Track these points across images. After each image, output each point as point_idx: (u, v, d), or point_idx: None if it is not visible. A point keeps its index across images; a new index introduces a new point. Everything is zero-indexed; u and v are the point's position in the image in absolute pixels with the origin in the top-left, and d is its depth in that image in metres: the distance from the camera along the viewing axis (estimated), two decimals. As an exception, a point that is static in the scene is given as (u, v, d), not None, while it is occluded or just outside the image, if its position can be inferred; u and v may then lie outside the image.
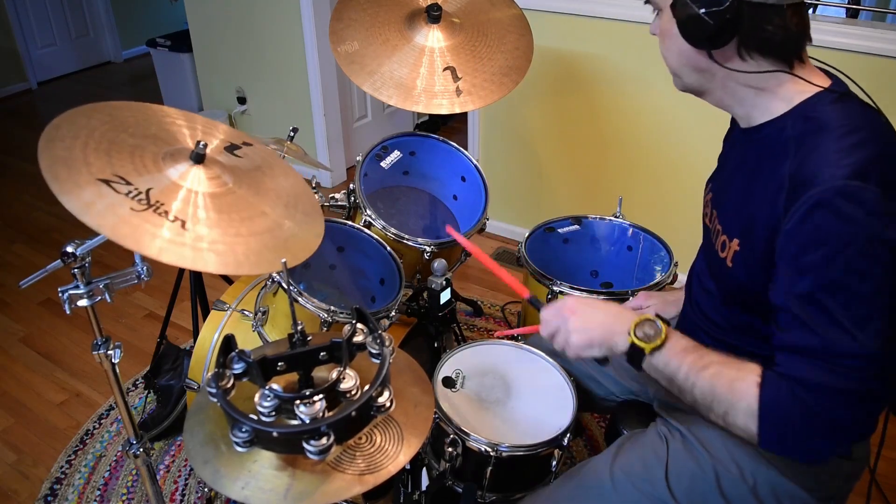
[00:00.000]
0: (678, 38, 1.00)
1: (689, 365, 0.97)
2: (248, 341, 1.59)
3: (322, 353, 0.97)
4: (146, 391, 2.17)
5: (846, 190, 0.86)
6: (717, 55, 0.98)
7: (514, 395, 1.37)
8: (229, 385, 0.93)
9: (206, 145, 1.08)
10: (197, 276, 1.94)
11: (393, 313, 1.57)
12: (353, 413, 0.89)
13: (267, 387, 0.93)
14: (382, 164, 1.95)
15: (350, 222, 1.74)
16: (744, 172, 1.06)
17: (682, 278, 1.56)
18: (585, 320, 1.06)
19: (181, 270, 2.02)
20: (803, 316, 0.90)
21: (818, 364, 0.90)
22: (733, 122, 1.19)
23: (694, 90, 1.09)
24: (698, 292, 1.21)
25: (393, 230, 1.73)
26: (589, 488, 1.19)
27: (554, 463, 1.29)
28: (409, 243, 1.74)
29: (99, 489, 1.95)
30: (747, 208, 1.01)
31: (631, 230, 1.87)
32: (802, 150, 0.93)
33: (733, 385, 0.94)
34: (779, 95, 1.00)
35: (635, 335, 1.00)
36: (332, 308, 1.49)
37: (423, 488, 1.38)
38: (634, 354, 1.01)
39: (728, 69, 0.99)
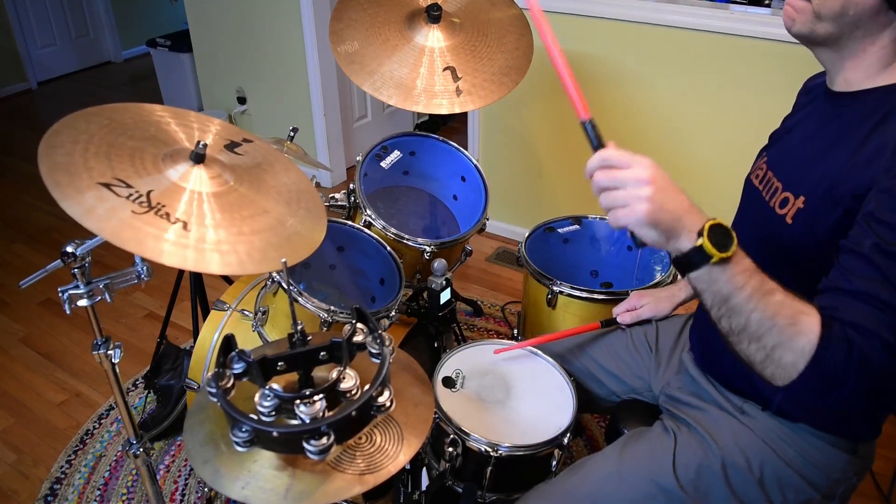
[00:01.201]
0: None
1: (754, 287, 0.86)
2: (248, 341, 1.59)
3: (322, 353, 0.97)
4: (146, 391, 2.17)
5: None
6: None
7: (514, 395, 1.37)
8: (229, 385, 0.93)
9: (205, 145, 1.08)
10: (197, 276, 1.94)
11: (393, 313, 1.57)
12: (354, 413, 0.89)
13: (267, 386, 0.93)
14: (382, 164, 1.95)
15: (350, 222, 1.74)
16: (825, 132, 1.04)
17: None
18: (664, 197, 0.85)
19: (181, 270, 2.02)
20: (886, 269, 0.86)
21: (884, 318, 0.85)
22: (805, 97, 1.17)
23: (815, 39, 1.01)
24: None
25: (393, 230, 1.73)
26: (596, 479, 1.19)
27: (554, 463, 1.29)
28: (409, 243, 1.74)
29: (99, 489, 1.95)
30: (823, 168, 1.00)
31: (631, 230, 1.87)
32: None
33: (798, 318, 0.86)
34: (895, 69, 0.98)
35: (707, 238, 0.84)
36: (332, 308, 1.49)
37: (423, 488, 1.38)
38: (693, 259, 0.86)
39: None
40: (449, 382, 1.37)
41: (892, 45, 0.97)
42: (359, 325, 0.99)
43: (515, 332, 1.96)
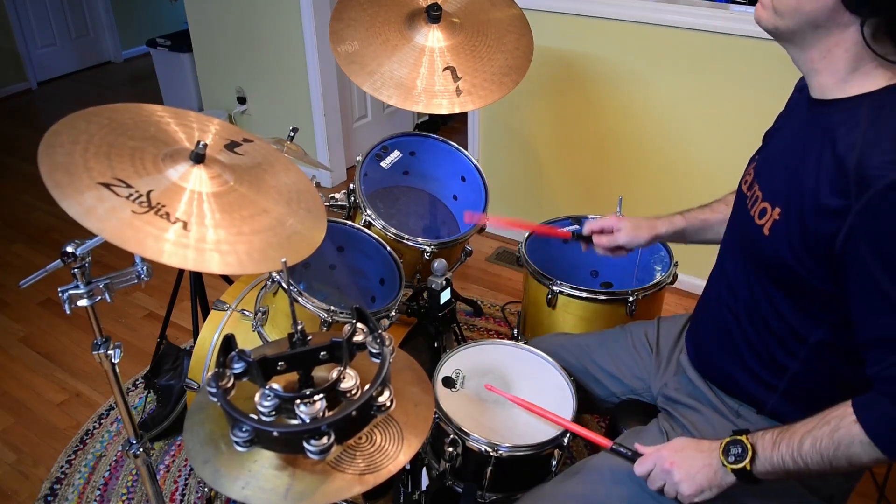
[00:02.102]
0: None
1: (787, 452, 0.98)
2: (248, 341, 1.59)
3: (322, 353, 0.97)
4: (146, 391, 2.17)
5: None
6: (857, 24, 0.92)
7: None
8: (229, 385, 0.93)
9: (205, 145, 1.08)
10: (197, 276, 1.94)
11: (393, 313, 1.57)
12: (354, 413, 0.89)
13: (267, 386, 0.93)
14: (382, 164, 1.95)
15: (350, 222, 1.74)
16: (802, 142, 1.03)
17: (683, 278, 1.56)
18: (687, 469, 1.06)
19: (181, 270, 2.02)
20: None
21: None
22: (798, 95, 1.16)
23: (781, 35, 1.01)
24: (726, 265, 1.20)
25: (393, 230, 1.73)
26: (589, 483, 1.19)
27: (554, 463, 1.29)
28: (409, 243, 1.74)
29: (99, 489, 1.95)
30: (801, 180, 0.99)
31: (631, 230, 1.87)
32: (872, 134, 0.91)
33: (834, 438, 0.94)
34: (868, 76, 0.96)
35: (729, 463, 1.01)
36: (332, 308, 1.49)
37: (423, 488, 1.38)
38: (743, 477, 1.01)
39: (868, 46, 0.92)
40: (449, 382, 1.37)
41: (855, 48, 0.95)
42: (359, 324, 0.99)
43: (515, 332, 1.96)
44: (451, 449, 1.26)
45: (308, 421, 0.91)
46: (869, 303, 0.93)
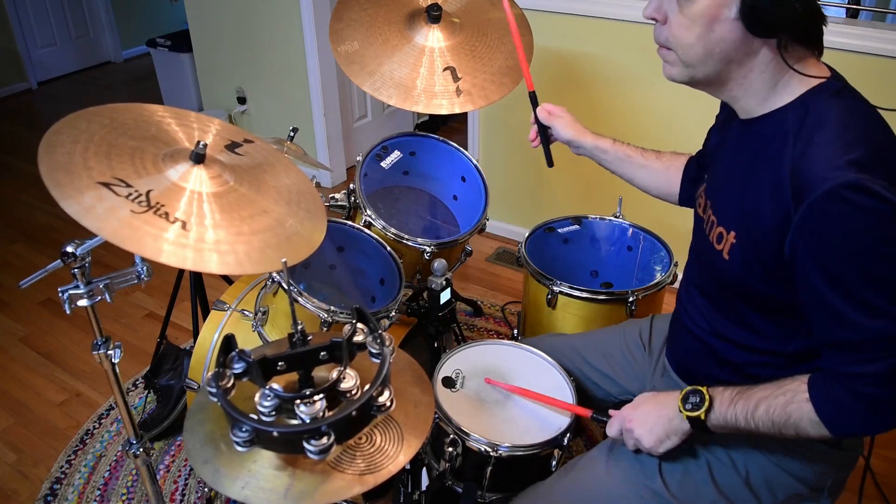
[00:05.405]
0: (727, 24, 0.94)
1: (742, 411, 1.02)
2: (248, 341, 1.59)
3: (322, 353, 0.97)
4: (146, 391, 2.17)
5: (857, 184, 0.85)
6: (769, 44, 0.94)
7: (514, 395, 1.36)
8: (229, 385, 0.93)
9: (205, 145, 1.08)
10: (197, 276, 1.94)
11: (393, 313, 1.57)
12: (354, 413, 0.89)
13: (267, 386, 0.93)
14: (382, 164, 1.95)
15: (350, 222, 1.74)
16: (742, 164, 1.05)
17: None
18: (644, 423, 1.11)
19: (181, 270, 2.02)
20: (841, 311, 0.91)
21: (866, 355, 0.92)
22: (725, 110, 1.18)
23: (701, 81, 1.04)
24: (692, 289, 1.21)
25: (393, 230, 1.73)
26: (585, 482, 1.20)
27: (554, 463, 1.29)
28: (409, 243, 1.74)
29: (99, 489, 1.95)
30: (746, 201, 1.01)
31: (631, 230, 1.87)
32: (801, 145, 0.93)
33: (787, 410, 0.98)
34: (787, 87, 0.98)
35: (686, 409, 1.06)
36: (332, 308, 1.49)
37: (423, 488, 1.38)
38: (696, 425, 1.06)
39: (785, 62, 0.95)
40: (449, 382, 1.37)
41: (769, 67, 0.97)
42: (359, 325, 0.99)
43: (515, 332, 1.96)
44: (451, 449, 1.26)
45: (308, 421, 0.91)
46: (815, 311, 0.95)
